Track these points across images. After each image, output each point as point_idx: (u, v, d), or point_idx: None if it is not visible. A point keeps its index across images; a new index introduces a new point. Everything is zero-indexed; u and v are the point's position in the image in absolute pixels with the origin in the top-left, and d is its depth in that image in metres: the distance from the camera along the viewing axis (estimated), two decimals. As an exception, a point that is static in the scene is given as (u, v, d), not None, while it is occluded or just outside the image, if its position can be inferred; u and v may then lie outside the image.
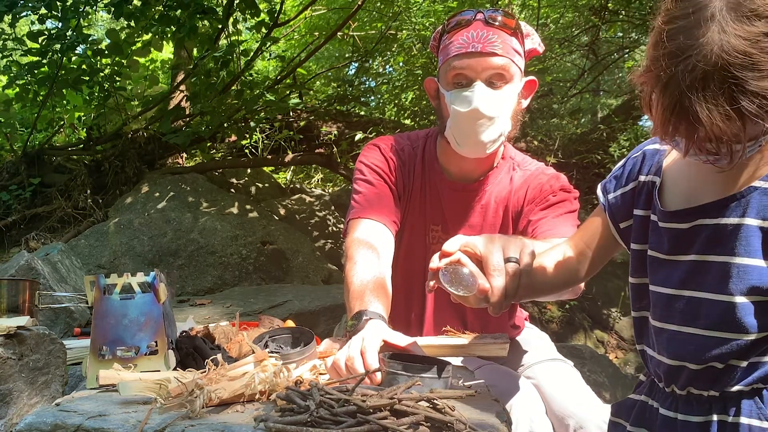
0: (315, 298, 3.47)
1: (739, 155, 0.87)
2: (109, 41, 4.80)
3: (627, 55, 6.10)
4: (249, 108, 4.82)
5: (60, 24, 4.53)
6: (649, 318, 1.09)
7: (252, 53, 5.20)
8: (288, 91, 5.30)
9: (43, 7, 4.35)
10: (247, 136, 5.41)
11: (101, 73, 4.82)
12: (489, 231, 1.63)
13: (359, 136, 5.31)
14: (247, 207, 4.73)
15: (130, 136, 5.11)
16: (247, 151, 5.73)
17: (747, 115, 0.82)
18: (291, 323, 1.82)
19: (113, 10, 4.41)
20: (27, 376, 1.40)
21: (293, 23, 6.29)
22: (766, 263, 0.94)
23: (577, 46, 5.78)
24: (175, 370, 1.27)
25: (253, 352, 1.11)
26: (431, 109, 5.03)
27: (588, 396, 1.54)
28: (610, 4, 4.97)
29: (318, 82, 7.01)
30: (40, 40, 4.54)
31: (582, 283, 1.31)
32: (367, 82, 6.46)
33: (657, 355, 1.07)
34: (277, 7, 4.91)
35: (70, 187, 4.84)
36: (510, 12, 1.80)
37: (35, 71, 4.68)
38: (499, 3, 5.11)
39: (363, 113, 6.41)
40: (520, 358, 1.72)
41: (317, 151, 5.68)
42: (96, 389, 1.19)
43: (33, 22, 4.92)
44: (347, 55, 6.62)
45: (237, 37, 5.30)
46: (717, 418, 1.00)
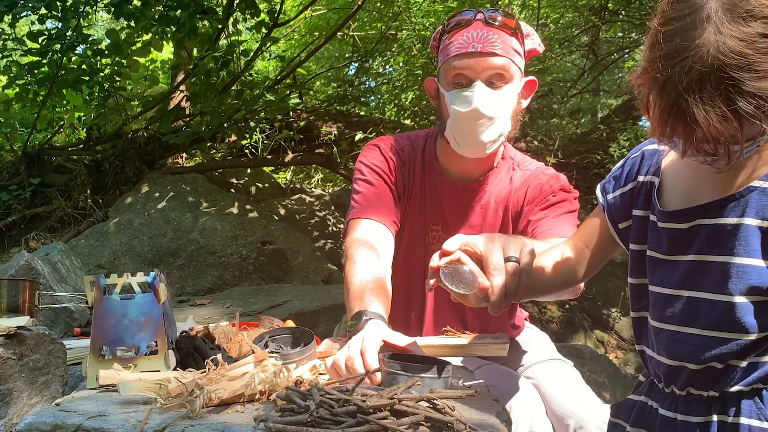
0: (315, 298, 3.47)
1: (736, 156, 0.87)
2: (109, 41, 4.80)
3: (627, 55, 6.09)
4: (249, 108, 4.82)
5: (60, 24, 4.52)
6: (648, 318, 1.09)
7: (252, 53, 5.20)
8: (288, 91, 5.30)
9: (43, 7, 4.35)
10: (247, 136, 5.41)
11: (101, 73, 4.82)
12: (489, 231, 1.62)
13: (359, 136, 5.31)
14: (247, 207, 4.73)
15: (130, 136, 5.11)
16: (247, 151, 5.73)
17: (744, 115, 0.82)
18: (291, 323, 1.82)
19: (113, 10, 4.41)
20: (27, 376, 1.40)
21: (293, 23, 6.29)
22: (766, 263, 0.94)
23: (577, 46, 5.78)
24: (175, 370, 1.27)
25: (253, 352, 1.11)
26: (431, 109, 5.03)
27: (588, 396, 1.54)
28: (610, 4, 4.97)
29: (318, 82, 7.01)
30: (40, 40, 4.53)
31: (582, 283, 1.31)
32: (367, 82, 6.46)
33: (656, 356, 1.07)
34: (277, 7, 4.91)
35: (70, 187, 4.84)
36: (510, 12, 1.81)
37: (35, 71, 4.67)
38: (499, 3, 5.11)
39: (363, 113, 6.41)
40: (520, 358, 1.72)
41: (317, 151, 5.68)
42: (96, 389, 1.19)
43: (33, 22, 4.92)
44: (347, 55, 6.62)
45: (237, 37, 5.29)
46: (717, 418, 1.00)
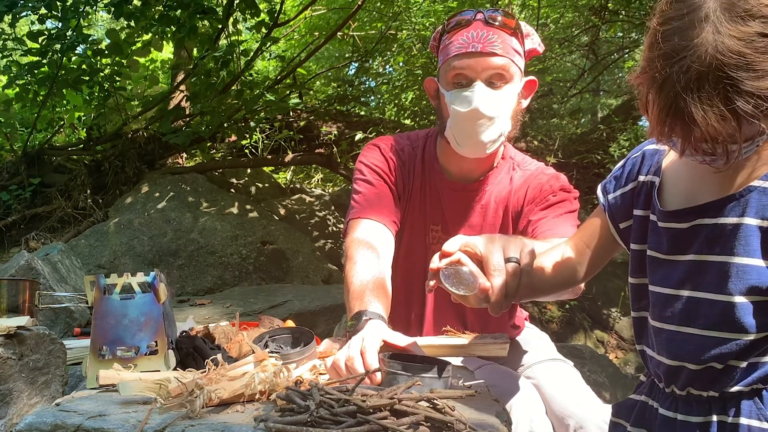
0: (315, 298, 3.47)
1: (735, 155, 0.87)
2: (109, 41, 4.80)
3: (627, 55, 6.09)
4: (249, 108, 4.82)
5: (60, 24, 4.52)
6: (648, 318, 1.09)
7: (252, 53, 5.20)
8: (288, 91, 5.30)
9: (43, 7, 4.35)
10: (247, 136, 5.41)
11: (101, 73, 4.82)
12: (489, 231, 1.63)
13: (359, 136, 5.31)
14: (247, 207, 4.73)
15: (130, 136, 5.11)
16: (247, 151, 5.73)
17: (742, 115, 0.82)
18: (291, 323, 1.82)
19: (113, 10, 4.41)
20: (27, 376, 1.40)
21: (293, 23, 6.29)
22: (765, 263, 0.94)
23: (577, 46, 5.78)
24: (175, 370, 1.27)
25: (253, 352, 1.11)
26: (431, 109, 5.03)
27: (588, 396, 1.54)
28: (610, 4, 4.97)
29: (318, 82, 7.00)
30: (40, 40, 4.53)
31: (582, 284, 1.31)
32: (367, 82, 6.46)
33: (656, 356, 1.07)
34: (277, 7, 4.91)
35: (70, 187, 4.84)
36: (510, 12, 1.81)
37: (35, 71, 4.67)
38: (499, 3, 5.11)
39: (363, 113, 6.41)
40: (520, 358, 1.72)
41: (317, 151, 5.68)
42: (96, 389, 1.19)
43: (33, 22, 4.92)
44: (347, 55, 6.62)
45: (237, 37, 5.29)
46: (716, 418, 1.00)
